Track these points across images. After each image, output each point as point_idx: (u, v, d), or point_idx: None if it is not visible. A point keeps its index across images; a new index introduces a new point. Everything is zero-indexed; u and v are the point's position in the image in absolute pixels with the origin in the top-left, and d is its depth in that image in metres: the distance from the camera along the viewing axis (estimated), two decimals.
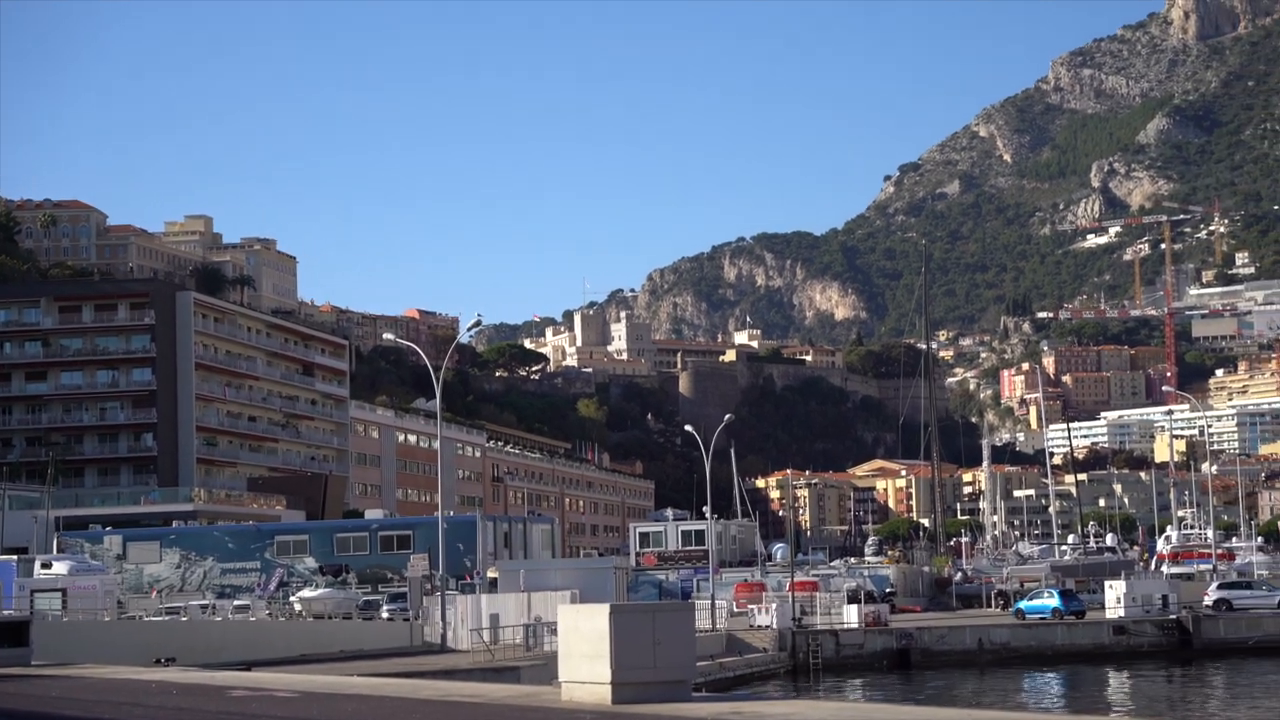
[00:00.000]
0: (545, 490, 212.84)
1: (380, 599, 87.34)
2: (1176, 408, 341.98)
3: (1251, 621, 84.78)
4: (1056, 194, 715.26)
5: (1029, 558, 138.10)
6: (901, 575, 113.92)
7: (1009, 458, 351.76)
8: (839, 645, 78.09)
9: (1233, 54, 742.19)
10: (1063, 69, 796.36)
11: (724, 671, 66.68)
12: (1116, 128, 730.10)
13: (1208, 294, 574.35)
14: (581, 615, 27.64)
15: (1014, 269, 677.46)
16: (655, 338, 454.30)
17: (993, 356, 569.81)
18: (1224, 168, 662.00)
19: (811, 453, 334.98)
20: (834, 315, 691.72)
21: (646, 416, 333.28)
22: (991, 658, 79.18)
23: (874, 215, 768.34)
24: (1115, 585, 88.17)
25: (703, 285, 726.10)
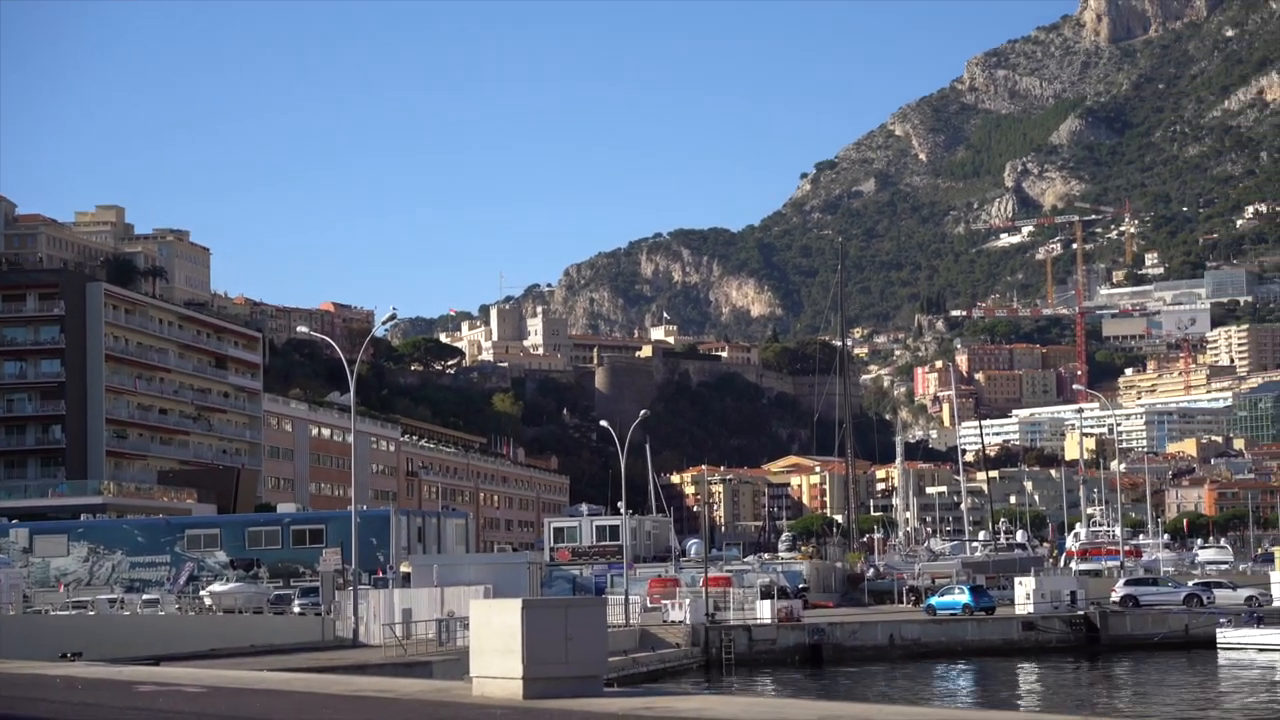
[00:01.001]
0: (460, 485, 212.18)
1: (292, 594, 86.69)
2: (1086, 406, 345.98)
3: (1157, 617, 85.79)
4: (970, 193, 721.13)
5: (940, 554, 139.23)
6: (814, 571, 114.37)
7: (922, 455, 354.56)
8: (752, 641, 78.30)
9: (1144, 57, 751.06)
10: (977, 69, 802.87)
11: (637, 667, 66.68)
12: (1030, 128, 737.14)
13: (1118, 294, 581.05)
14: (494, 610, 27.63)
15: (928, 267, 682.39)
16: (571, 333, 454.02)
17: (907, 354, 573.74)
18: (1134, 169, 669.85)
19: (726, 449, 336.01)
20: (750, 312, 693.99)
21: (562, 412, 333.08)
22: (903, 653, 79.68)
23: (790, 212, 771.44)
24: (1025, 582, 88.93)
25: (620, 281, 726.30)
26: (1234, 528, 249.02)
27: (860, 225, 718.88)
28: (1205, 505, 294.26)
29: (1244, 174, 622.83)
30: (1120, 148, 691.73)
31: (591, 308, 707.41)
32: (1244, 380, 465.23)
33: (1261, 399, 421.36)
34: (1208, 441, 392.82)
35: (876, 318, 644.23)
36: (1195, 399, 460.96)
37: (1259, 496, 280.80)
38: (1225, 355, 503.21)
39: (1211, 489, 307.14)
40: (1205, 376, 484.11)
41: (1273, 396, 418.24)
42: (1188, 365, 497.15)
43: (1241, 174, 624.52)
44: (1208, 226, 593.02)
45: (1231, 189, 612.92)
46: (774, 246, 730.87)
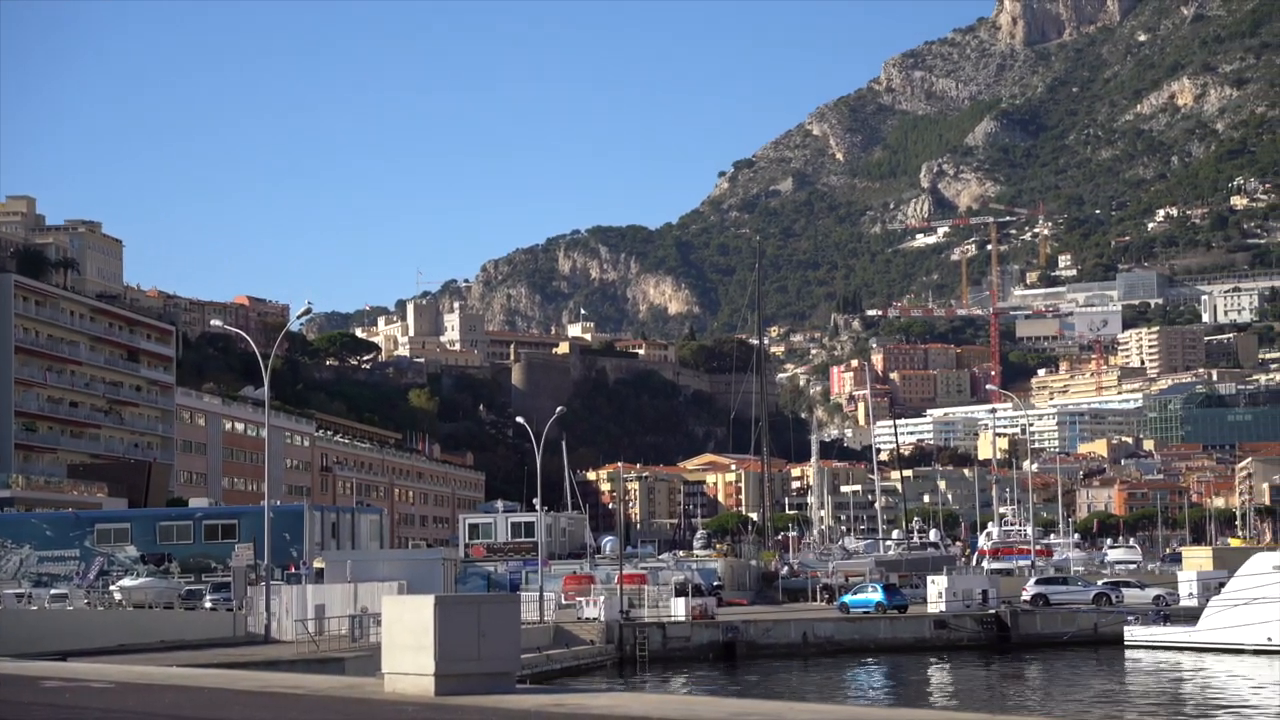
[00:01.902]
0: (374, 480, 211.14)
1: (204, 589, 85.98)
2: (1000, 406, 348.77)
3: (1066, 616, 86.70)
4: (887, 193, 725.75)
5: (854, 552, 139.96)
6: (729, 569, 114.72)
7: (837, 453, 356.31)
8: (666, 638, 78.44)
9: (1058, 60, 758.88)
10: (894, 70, 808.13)
11: (551, 663, 66.64)
12: (946, 129, 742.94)
13: (1031, 295, 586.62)
14: (406, 606, 27.49)
15: (845, 267, 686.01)
16: (488, 329, 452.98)
17: (823, 353, 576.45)
18: (1048, 171, 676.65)
19: (642, 446, 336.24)
20: (667, 309, 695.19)
21: (478, 408, 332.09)
22: (816, 650, 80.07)
23: (708, 211, 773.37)
24: (937, 580, 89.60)
25: (537, 277, 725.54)
26: (1143, 528, 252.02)
27: (777, 224, 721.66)
28: (1115, 505, 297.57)
29: (1155, 178, 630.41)
30: (1035, 150, 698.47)
31: (509, 304, 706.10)
32: (1154, 382, 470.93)
33: (1171, 400, 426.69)
34: (1118, 442, 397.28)
35: (793, 317, 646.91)
36: (1106, 400, 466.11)
37: (1167, 497, 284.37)
38: (1136, 357, 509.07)
39: (1121, 489, 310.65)
40: (1116, 378, 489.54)
41: (1182, 398, 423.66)
42: (1099, 367, 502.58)
43: (1153, 178, 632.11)
44: (1120, 229, 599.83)
45: (1143, 192, 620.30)
46: (692, 245, 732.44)
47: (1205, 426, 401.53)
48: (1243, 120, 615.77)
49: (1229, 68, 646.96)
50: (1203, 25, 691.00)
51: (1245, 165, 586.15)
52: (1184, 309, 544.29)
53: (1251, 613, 74.71)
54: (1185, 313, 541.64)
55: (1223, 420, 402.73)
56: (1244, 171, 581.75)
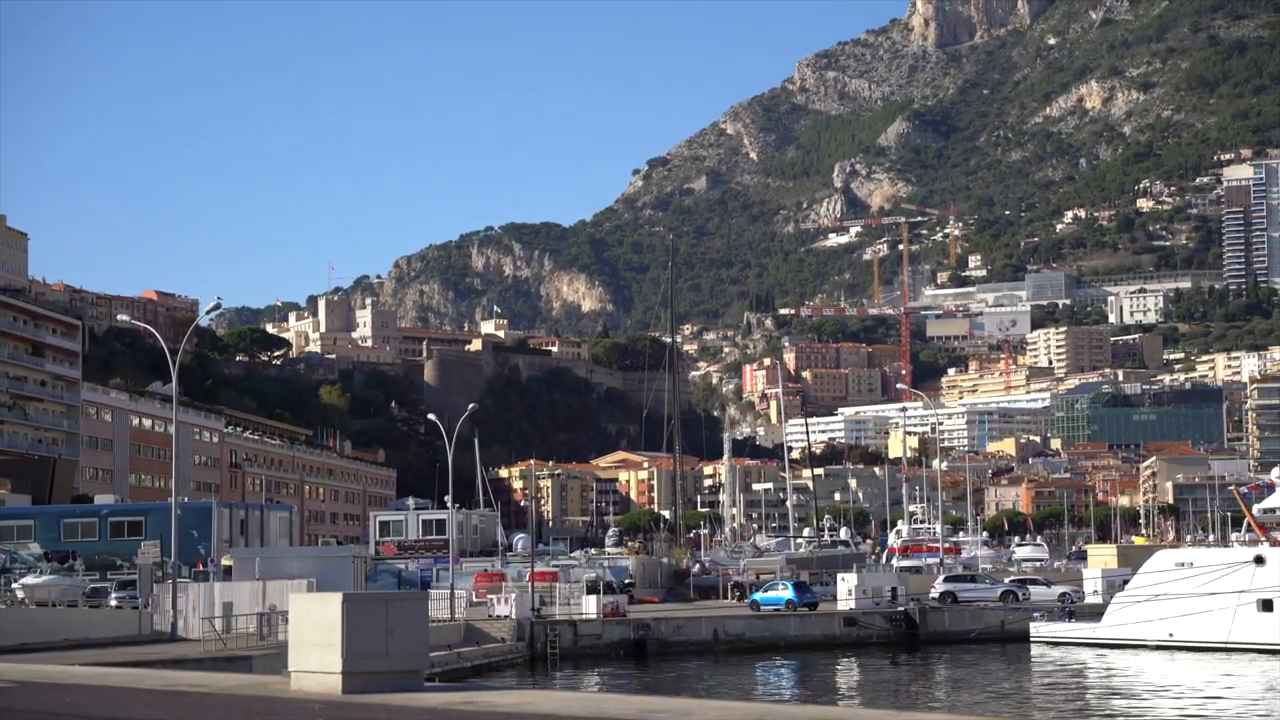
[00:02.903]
0: (284, 477, 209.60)
1: (109, 587, 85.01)
2: (910, 405, 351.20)
3: (974, 613, 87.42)
4: (800, 193, 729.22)
5: (765, 550, 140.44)
6: (641, 566, 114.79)
7: (749, 451, 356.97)
8: (577, 635, 78.41)
9: (969, 62, 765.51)
10: (808, 70, 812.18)
11: (461, 661, 66.42)
12: (858, 130, 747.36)
13: (942, 295, 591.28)
14: (313, 604, 27.37)
15: (758, 265, 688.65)
16: (401, 325, 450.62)
17: (735, 351, 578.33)
18: (959, 172, 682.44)
19: (555, 443, 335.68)
20: (581, 307, 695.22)
21: (390, 404, 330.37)
22: (726, 648, 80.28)
23: (622, 209, 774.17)
24: (847, 578, 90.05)
25: (450, 274, 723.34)
26: (1050, 526, 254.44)
27: (691, 223, 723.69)
28: (1023, 503, 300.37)
29: (1064, 179, 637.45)
30: (946, 151, 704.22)
31: (421, 300, 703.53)
32: (1062, 381, 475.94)
33: (1078, 400, 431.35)
34: (1026, 441, 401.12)
35: (706, 315, 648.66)
36: (1015, 399, 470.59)
37: (1074, 495, 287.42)
38: (1044, 357, 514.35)
39: (1029, 488, 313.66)
40: (1025, 377, 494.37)
41: (1088, 398, 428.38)
42: (1008, 366, 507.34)
43: (1062, 179, 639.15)
44: (1029, 230, 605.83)
45: (1052, 194, 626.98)
46: (605, 242, 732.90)
47: (1111, 426, 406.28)
48: (1149, 124, 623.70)
49: (1136, 72, 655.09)
50: (1111, 29, 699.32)
51: (1151, 168, 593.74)
52: (1091, 310, 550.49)
53: (1154, 609, 75.72)
54: (1092, 313, 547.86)
55: (1128, 420, 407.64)
56: (1150, 174, 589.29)
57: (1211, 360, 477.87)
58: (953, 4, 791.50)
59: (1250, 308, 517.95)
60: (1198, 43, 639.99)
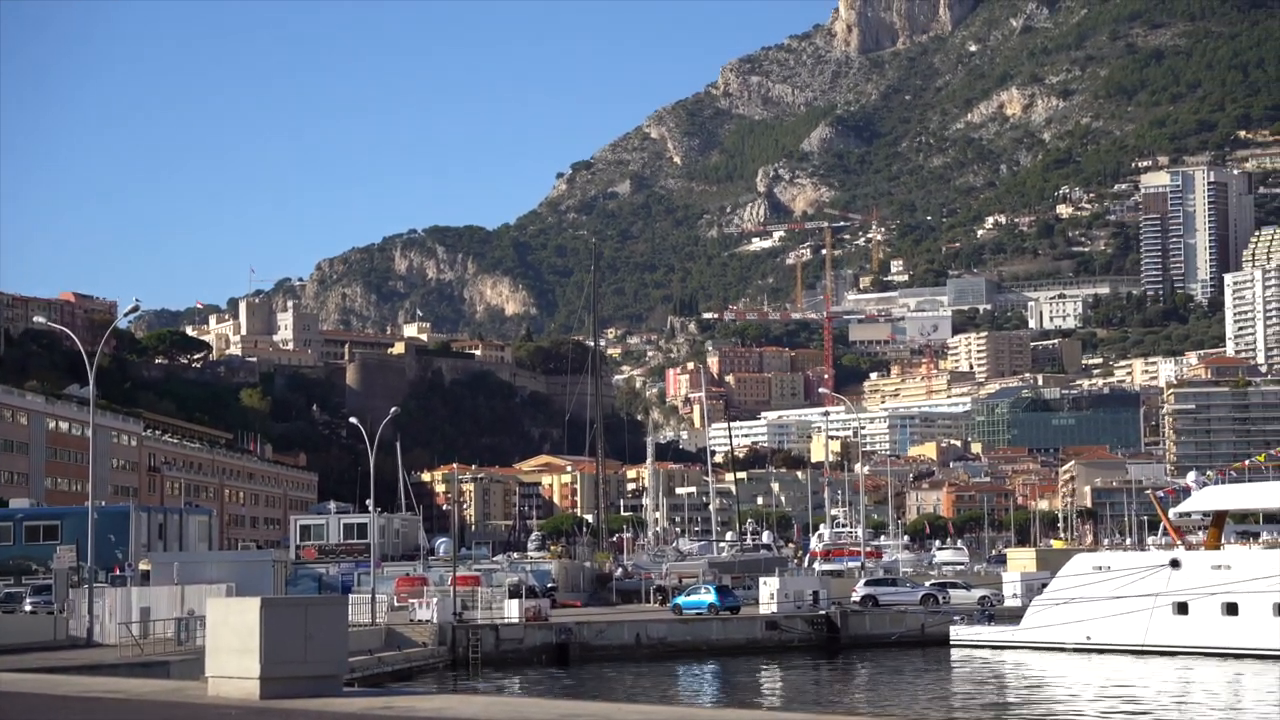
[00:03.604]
0: (204, 481, 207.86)
1: (24, 591, 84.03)
2: (833, 409, 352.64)
3: (895, 617, 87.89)
4: (724, 197, 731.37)
5: (688, 554, 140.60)
6: (563, 570, 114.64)
7: (672, 455, 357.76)
8: (499, 640, 78.17)
9: (892, 68, 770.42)
10: (732, 75, 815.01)
11: (382, 666, 66.10)
12: (782, 134, 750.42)
13: (864, 299, 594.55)
14: (231, 609, 27.17)
15: (682, 269, 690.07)
16: (323, 328, 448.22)
17: (659, 355, 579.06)
18: (882, 178, 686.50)
19: (478, 447, 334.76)
20: (504, 310, 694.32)
21: (312, 408, 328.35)
22: (649, 652, 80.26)
23: (546, 212, 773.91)
24: (769, 582, 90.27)
25: (373, 276, 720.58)
26: (970, 529, 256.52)
27: (615, 226, 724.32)
28: (944, 507, 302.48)
29: (985, 185, 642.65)
30: (869, 156, 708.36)
31: (344, 303, 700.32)
32: (982, 386, 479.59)
33: (998, 404, 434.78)
34: (947, 445, 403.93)
35: (630, 319, 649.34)
36: (936, 403, 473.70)
37: (994, 499, 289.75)
38: (965, 361, 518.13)
39: (950, 491, 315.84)
40: (946, 382, 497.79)
41: (1009, 402, 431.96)
42: (929, 371, 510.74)
43: (983, 185, 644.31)
44: (950, 235, 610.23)
45: (973, 200, 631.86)
46: (529, 245, 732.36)
47: (1031, 430, 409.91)
48: (1068, 130, 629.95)
49: (1055, 79, 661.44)
50: (1031, 37, 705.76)
51: (1071, 175, 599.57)
52: (1011, 315, 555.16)
53: (1072, 612, 76.43)
54: (1012, 318, 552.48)
55: (1047, 424, 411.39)
56: (1069, 181, 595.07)
57: (1129, 365, 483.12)
58: (875, 10, 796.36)
59: (1167, 313, 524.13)
60: (1116, 51, 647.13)
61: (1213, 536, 77.24)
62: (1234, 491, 78.67)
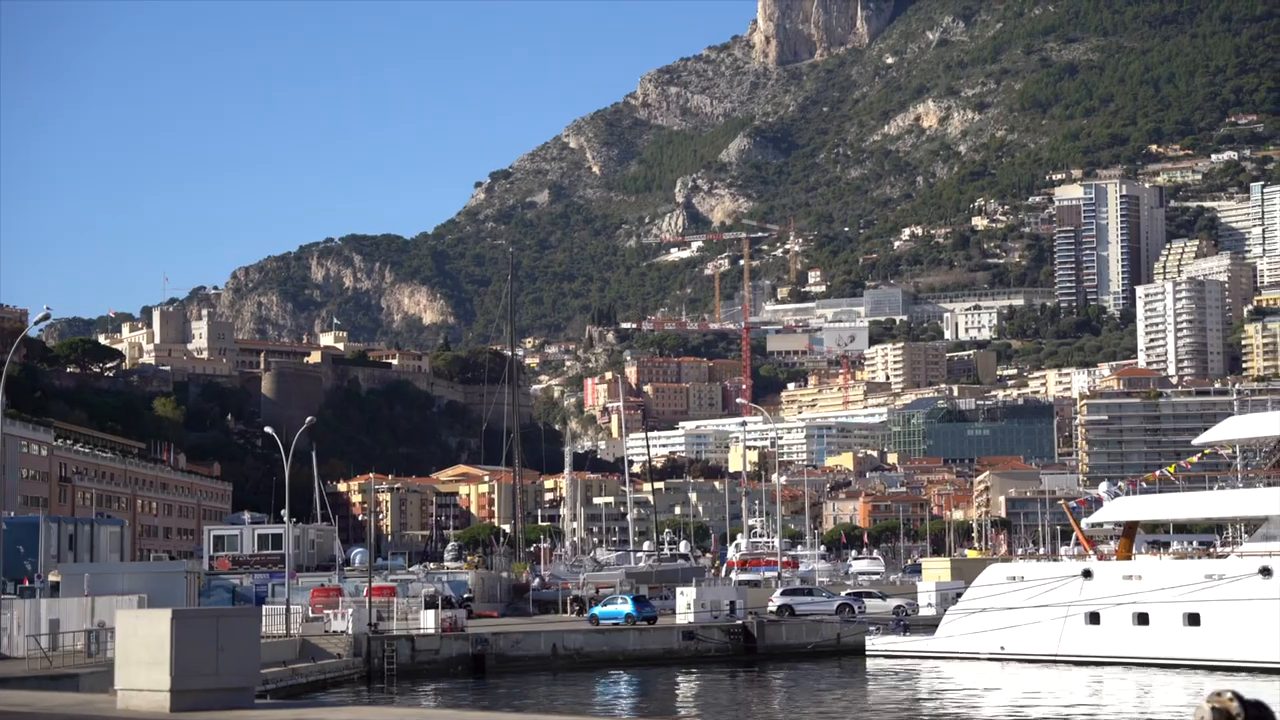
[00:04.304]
0: (116, 491, 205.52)
1: None
2: (750, 419, 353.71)
3: (811, 626, 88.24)
4: (642, 207, 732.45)
5: (605, 564, 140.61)
6: (480, 581, 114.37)
7: (590, 465, 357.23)
8: (415, 651, 77.81)
9: (809, 80, 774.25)
10: (651, 85, 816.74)
11: (296, 678, 65.58)
12: (700, 145, 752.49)
13: (782, 310, 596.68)
14: (142, 621, 26.90)
15: (600, 279, 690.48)
16: (238, 337, 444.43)
17: (577, 365, 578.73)
18: (799, 189, 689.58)
19: (395, 457, 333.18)
20: (422, 319, 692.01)
21: (227, 417, 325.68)
22: (565, 663, 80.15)
23: (464, 221, 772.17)
24: (686, 592, 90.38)
25: (289, 285, 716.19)
26: (886, 539, 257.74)
27: (534, 236, 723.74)
28: (860, 517, 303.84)
29: (901, 197, 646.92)
30: (786, 167, 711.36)
31: (260, 312, 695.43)
32: (898, 396, 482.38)
33: (914, 415, 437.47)
34: (864, 455, 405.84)
35: (548, 328, 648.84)
36: (853, 414, 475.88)
37: (909, 509, 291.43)
38: (881, 372, 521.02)
39: (866, 501, 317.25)
40: (862, 392, 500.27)
41: (924, 412, 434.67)
42: (846, 381, 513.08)
43: (899, 197, 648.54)
44: (867, 247, 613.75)
45: (890, 211, 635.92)
46: (447, 254, 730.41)
47: (946, 441, 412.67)
48: (984, 143, 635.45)
49: (971, 92, 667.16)
50: (947, 50, 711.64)
51: (986, 187, 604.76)
52: (927, 326, 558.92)
53: (986, 622, 76.94)
54: (929, 329, 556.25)
55: (962, 435, 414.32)
56: (984, 193, 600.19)
57: (1043, 376, 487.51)
58: (793, 22, 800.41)
59: (1080, 325, 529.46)
60: (1030, 65, 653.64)
61: (1124, 547, 77.99)
62: (1145, 502, 79.48)
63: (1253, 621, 67.73)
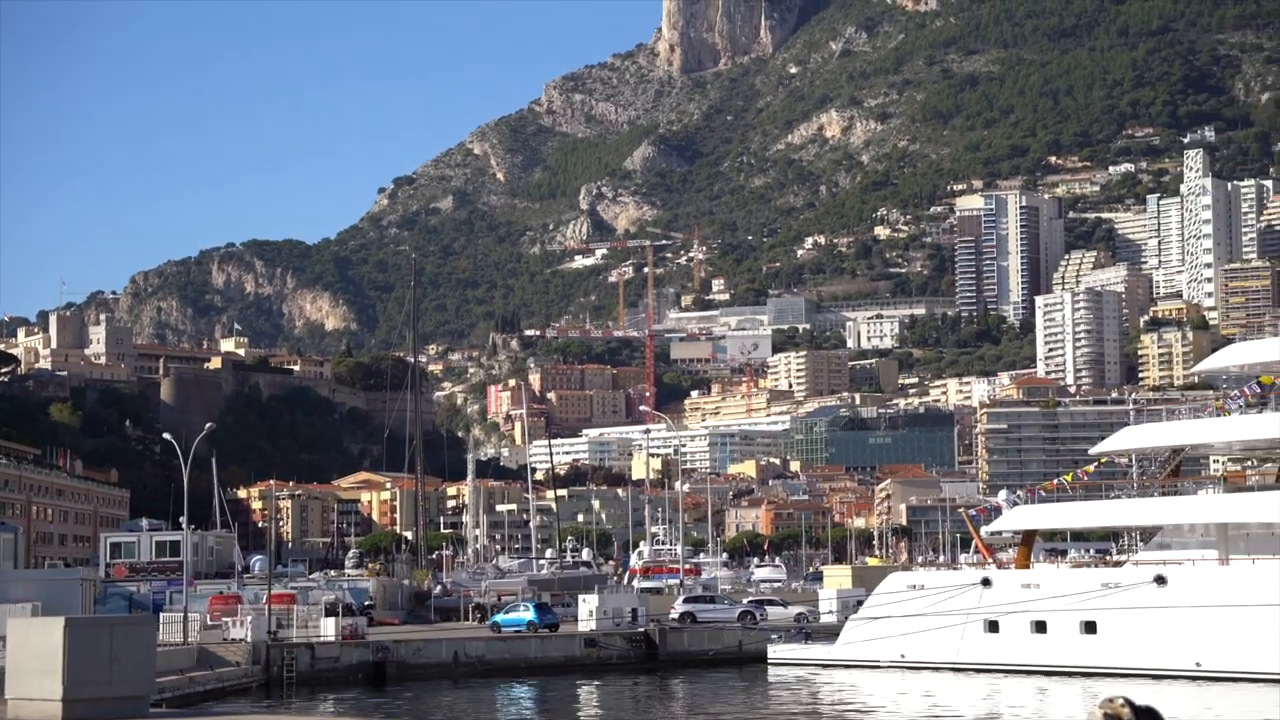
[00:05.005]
0: (10, 498, 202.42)
1: None
2: (654, 427, 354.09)
3: (713, 634, 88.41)
4: (547, 214, 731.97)
5: (508, 571, 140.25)
6: (381, 588, 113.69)
7: (493, 472, 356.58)
8: (315, 659, 77.18)
9: (713, 88, 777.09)
10: (556, 92, 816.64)
11: (193, 686, 64.87)
12: (605, 152, 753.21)
13: (685, 318, 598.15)
14: (34, 629, 26.53)
15: (504, 286, 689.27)
16: (137, 342, 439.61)
17: (480, 372, 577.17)
18: (703, 197, 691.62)
19: (296, 463, 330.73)
20: (324, 325, 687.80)
21: (125, 423, 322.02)
22: (467, 670, 79.82)
23: (367, 227, 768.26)
24: (588, 599, 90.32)
25: (189, 290, 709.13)
26: (788, 547, 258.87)
27: (437, 242, 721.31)
28: (763, 525, 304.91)
29: (805, 206, 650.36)
30: (691, 175, 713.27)
31: (159, 317, 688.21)
32: (801, 404, 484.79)
33: (816, 423, 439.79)
34: (766, 463, 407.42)
35: (452, 335, 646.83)
36: (756, 422, 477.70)
37: (812, 517, 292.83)
38: (784, 380, 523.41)
39: (768, 509, 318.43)
40: (765, 400, 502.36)
41: (826, 420, 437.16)
42: (749, 389, 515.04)
43: (802, 206, 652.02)
44: (770, 255, 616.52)
45: (793, 220, 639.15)
46: (350, 260, 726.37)
47: (848, 449, 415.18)
48: (886, 153, 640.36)
49: (874, 102, 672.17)
50: (850, 60, 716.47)
51: (888, 196, 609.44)
52: (830, 334, 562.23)
53: (886, 629, 77.37)
54: (831, 338, 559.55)
55: (864, 443, 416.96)
56: (887, 203, 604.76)
57: (944, 385, 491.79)
58: (697, 31, 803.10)
59: (981, 334, 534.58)
60: (932, 76, 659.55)
61: (1022, 555, 78.71)
62: (1043, 511, 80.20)
63: (1148, 629, 68.60)
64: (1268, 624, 65.07)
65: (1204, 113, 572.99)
